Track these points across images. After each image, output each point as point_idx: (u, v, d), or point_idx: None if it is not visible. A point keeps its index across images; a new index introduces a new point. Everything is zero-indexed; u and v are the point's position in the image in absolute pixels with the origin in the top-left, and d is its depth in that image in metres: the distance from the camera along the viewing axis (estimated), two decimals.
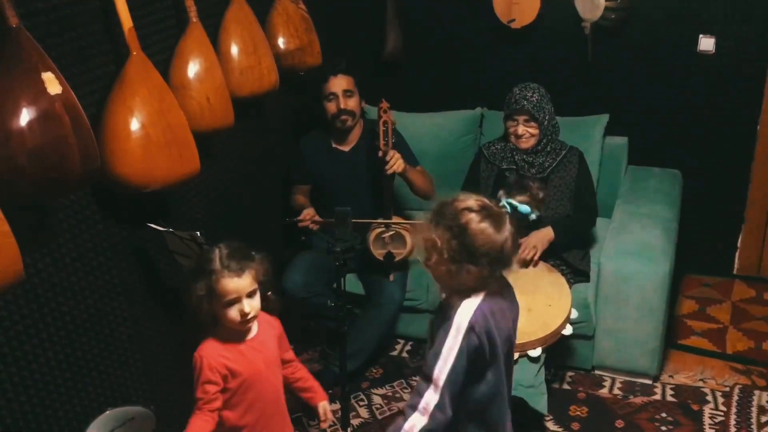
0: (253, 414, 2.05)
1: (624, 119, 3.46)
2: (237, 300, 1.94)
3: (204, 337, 2.03)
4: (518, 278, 1.93)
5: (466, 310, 1.66)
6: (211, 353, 1.98)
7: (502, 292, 1.76)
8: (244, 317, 1.96)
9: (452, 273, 1.64)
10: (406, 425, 1.65)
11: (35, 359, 2.11)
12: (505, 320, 1.74)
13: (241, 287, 1.93)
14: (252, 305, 1.97)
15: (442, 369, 1.64)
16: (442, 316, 1.72)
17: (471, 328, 1.64)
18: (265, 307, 2.05)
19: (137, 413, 2.32)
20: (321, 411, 2.24)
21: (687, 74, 3.42)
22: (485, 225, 1.62)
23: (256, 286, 1.99)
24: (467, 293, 1.69)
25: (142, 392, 2.57)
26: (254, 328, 2.07)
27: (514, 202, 1.76)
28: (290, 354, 2.24)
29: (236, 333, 2.02)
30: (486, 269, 1.64)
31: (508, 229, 1.65)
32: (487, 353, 1.67)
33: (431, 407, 1.63)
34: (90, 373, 2.32)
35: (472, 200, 1.67)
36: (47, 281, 2.12)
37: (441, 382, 1.63)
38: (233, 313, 1.95)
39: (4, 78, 1.74)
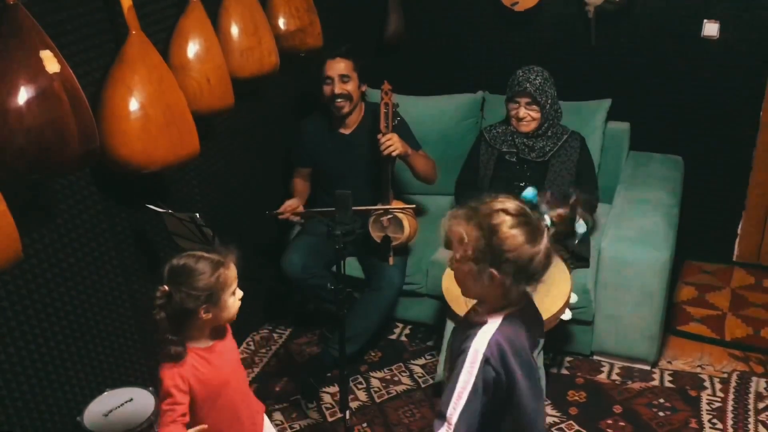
0: (224, 418, 1.96)
1: (626, 104, 3.44)
2: (235, 286, 1.89)
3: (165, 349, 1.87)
4: None
5: (482, 340, 1.59)
6: (182, 362, 1.84)
7: (524, 311, 1.68)
8: (240, 302, 1.91)
9: (474, 274, 1.57)
10: None
11: (33, 339, 2.11)
12: (523, 341, 1.65)
13: (236, 270, 1.89)
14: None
15: (456, 406, 1.56)
16: (461, 339, 1.65)
17: (486, 361, 1.57)
18: None
19: (136, 394, 2.33)
20: None
21: (690, 59, 3.40)
22: (517, 232, 1.55)
23: None
24: (488, 305, 1.64)
25: (140, 373, 2.57)
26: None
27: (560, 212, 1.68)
28: None
29: (215, 333, 1.92)
30: (509, 278, 1.56)
31: (543, 243, 1.57)
32: (504, 384, 1.60)
33: None
34: (88, 353, 2.33)
35: (511, 203, 1.59)
36: (46, 261, 2.11)
37: (454, 420, 1.57)
38: (235, 300, 1.89)
39: (1, 56, 1.72)
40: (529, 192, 1.68)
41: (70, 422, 2.25)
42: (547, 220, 1.62)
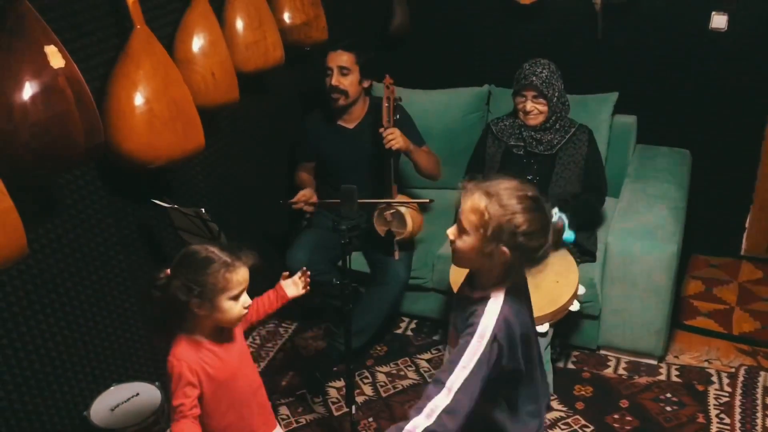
0: (233, 414, 1.94)
1: (633, 97, 3.42)
2: (242, 292, 1.82)
3: (172, 338, 1.87)
4: None
5: (490, 317, 1.62)
6: (189, 355, 1.83)
7: (521, 287, 1.74)
8: (246, 310, 1.85)
9: (482, 248, 1.61)
10: (409, 426, 1.57)
11: (40, 334, 2.11)
12: (525, 316, 1.72)
13: (247, 278, 1.83)
14: (248, 298, 1.87)
15: (458, 375, 1.58)
16: (463, 317, 1.68)
17: (494, 337, 1.61)
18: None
19: (142, 389, 2.34)
20: (292, 279, 2.13)
21: (698, 52, 3.37)
22: (535, 219, 1.61)
23: None
24: (489, 280, 1.67)
25: (146, 368, 2.58)
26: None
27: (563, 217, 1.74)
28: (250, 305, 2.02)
29: (218, 333, 1.88)
30: (518, 259, 1.62)
31: (550, 236, 1.65)
32: (506, 357, 1.64)
33: (438, 410, 1.57)
34: (95, 348, 2.33)
35: (532, 191, 1.65)
36: (51, 257, 2.11)
37: (455, 388, 1.58)
38: (238, 307, 1.82)
39: (6, 51, 1.72)
40: (570, 235, 1.76)
41: (77, 417, 2.26)
42: (555, 218, 1.67)
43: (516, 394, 1.76)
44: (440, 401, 1.58)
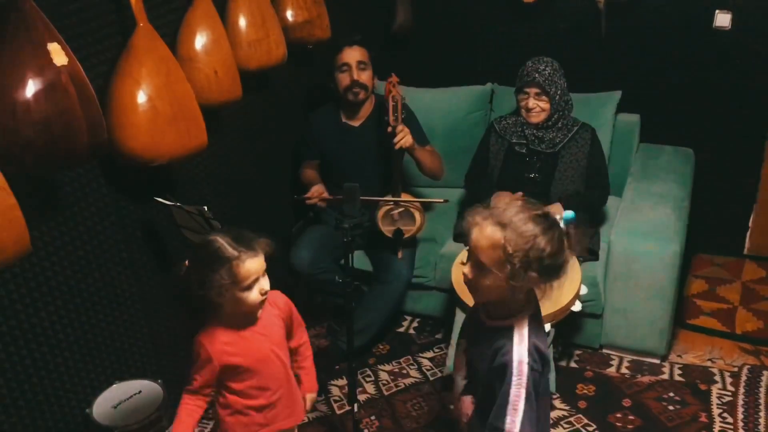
0: (264, 397, 2.00)
1: (636, 96, 3.41)
2: (256, 281, 1.85)
3: (206, 321, 1.94)
4: None
5: (521, 350, 1.61)
6: (213, 341, 1.90)
7: (538, 309, 1.71)
8: (264, 296, 1.89)
9: (514, 283, 1.56)
10: None
11: (42, 332, 2.11)
12: (544, 336, 1.70)
13: (260, 266, 1.85)
14: (267, 283, 1.91)
15: (514, 419, 1.57)
16: (481, 350, 1.66)
17: (531, 368, 1.60)
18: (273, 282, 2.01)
19: (145, 386, 2.34)
20: (308, 402, 2.19)
21: (702, 51, 3.36)
22: (553, 237, 1.57)
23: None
24: (510, 309, 1.65)
25: (149, 365, 2.58)
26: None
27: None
28: (298, 342, 2.16)
29: (242, 320, 1.93)
30: (544, 282, 1.60)
31: (566, 244, 1.61)
32: (541, 376, 1.64)
33: None
34: (98, 346, 2.33)
35: (537, 209, 1.61)
36: (54, 254, 2.11)
37: (517, 430, 1.58)
38: (254, 295, 1.85)
39: (9, 48, 1.71)
40: (570, 213, 1.70)
41: (80, 414, 2.26)
42: (561, 223, 1.64)
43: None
44: None
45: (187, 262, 1.84)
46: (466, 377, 1.91)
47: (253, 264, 1.83)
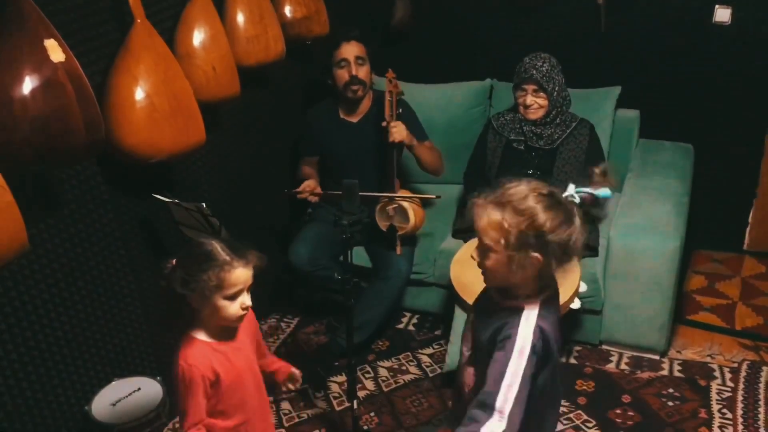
0: (240, 415, 1.92)
1: (636, 91, 3.40)
2: (240, 292, 1.78)
3: (181, 337, 1.84)
4: None
5: (527, 329, 1.58)
6: (199, 359, 1.80)
7: (554, 297, 1.68)
8: (245, 312, 1.81)
9: (513, 261, 1.54)
10: None
11: (41, 330, 2.11)
12: (557, 329, 1.66)
13: (247, 278, 1.79)
14: (249, 299, 1.82)
15: (507, 396, 1.53)
16: (489, 323, 1.63)
17: (533, 349, 1.57)
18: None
19: (144, 383, 2.33)
20: (296, 374, 2.09)
21: (702, 46, 3.35)
22: (554, 212, 1.54)
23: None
24: (523, 292, 1.62)
25: (148, 363, 2.57)
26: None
27: (587, 190, 1.65)
28: (263, 354, 2.08)
29: (222, 333, 1.85)
30: (550, 260, 1.55)
31: (577, 221, 1.56)
32: (543, 369, 1.61)
33: None
34: (96, 343, 2.33)
35: (539, 185, 1.59)
36: (52, 252, 2.11)
37: (508, 409, 1.53)
38: (234, 307, 1.78)
39: (5, 45, 1.71)
40: (605, 191, 1.65)
41: (78, 412, 2.26)
42: (576, 198, 1.60)
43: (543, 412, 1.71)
44: (495, 427, 1.53)
45: (174, 260, 1.78)
46: (471, 348, 1.86)
47: (242, 274, 1.77)
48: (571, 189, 1.66)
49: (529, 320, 1.60)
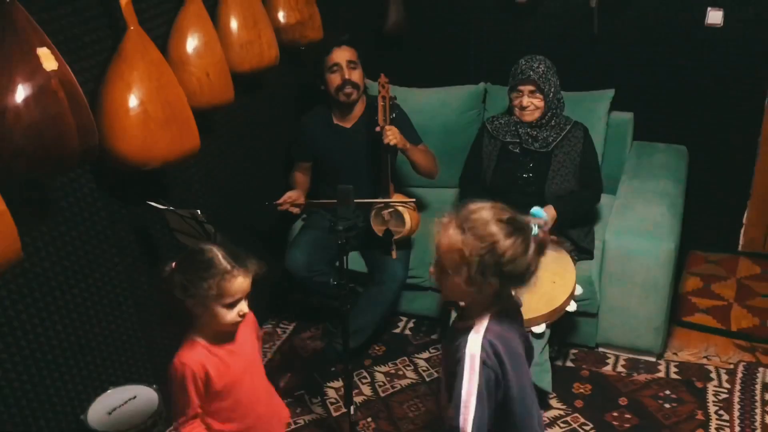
0: (241, 421, 1.93)
1: (630, 94, 3.42)
2: (239, 301, 1.80)
3: (180, 338, 1.86)
4: None
5: (475, 344, 1.59)
6: (194, 360, 1.82)
7: (510, 311, 1.70)
8: (241, 318, 1.83)
9: (469, 283, 1.55)
10: None
11: (36, 338, 2.10)
12: (513, 339, 1.67)
13: (246, 287, 1.81)
14: (246, 306, 1.84)
15: (466, 417, 1.56)
16: (453, 348, 1.64)
17: (483, 364, 1.57)
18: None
19: (140, 392, 2.32)
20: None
21: (694, 48, 3.36)
22: (515, 241, 1.54)
23: None
24: (476, 309, 1.63)
25: (144, 371, 2.56)
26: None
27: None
28: None
29: (219, 336, 1.87)
30: (506, 287, 1.59)
31: (532, 249, 1.57)
32: (501, 379, 1.61)
33: None
34: (91, 352, 2.32)
35: (502, 211, 1.58)
36: (46, 260, 2.10)
37: (468, 429, 1.56)
38: (232, 315, 1.80)
39: None
40: (538, 210, 1.67)
41: (74, 420, 2.25)
42: (534, 229, 1.60)
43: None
44: None
45: (174, 264, 1.79)
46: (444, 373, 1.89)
47: (242, 283, 1.79)
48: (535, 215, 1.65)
49: (477, 335, 1.60)
